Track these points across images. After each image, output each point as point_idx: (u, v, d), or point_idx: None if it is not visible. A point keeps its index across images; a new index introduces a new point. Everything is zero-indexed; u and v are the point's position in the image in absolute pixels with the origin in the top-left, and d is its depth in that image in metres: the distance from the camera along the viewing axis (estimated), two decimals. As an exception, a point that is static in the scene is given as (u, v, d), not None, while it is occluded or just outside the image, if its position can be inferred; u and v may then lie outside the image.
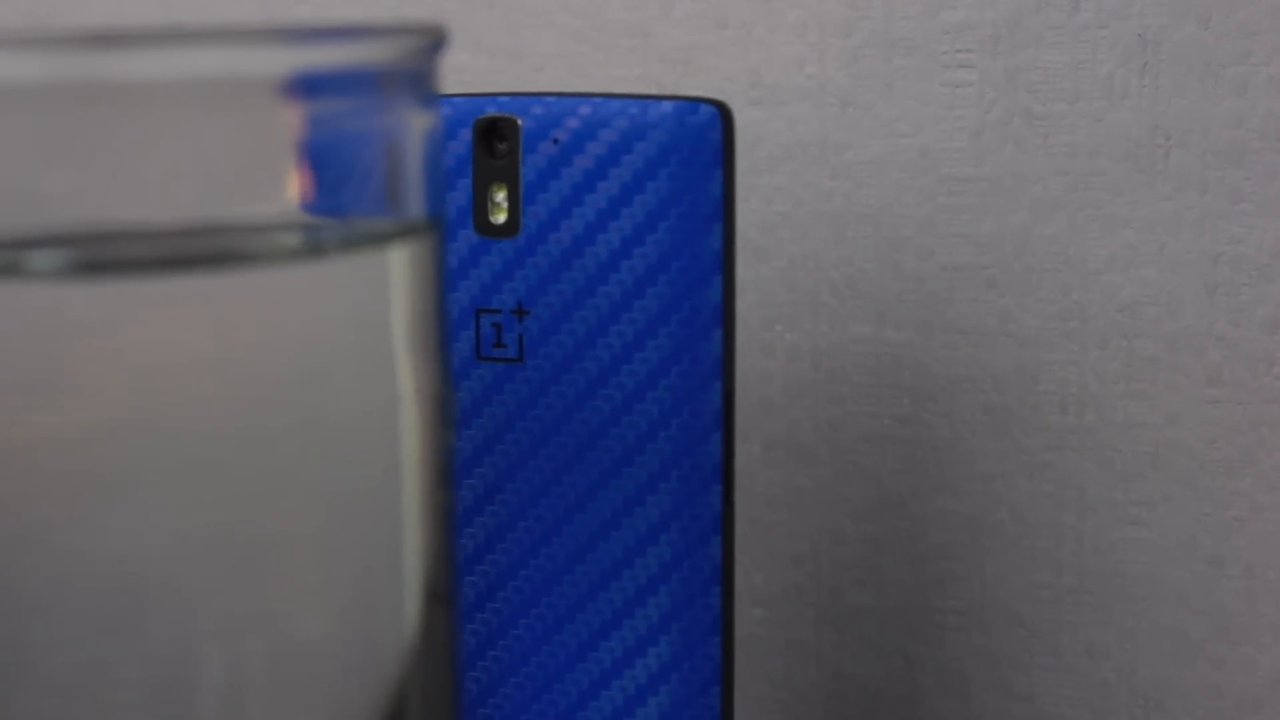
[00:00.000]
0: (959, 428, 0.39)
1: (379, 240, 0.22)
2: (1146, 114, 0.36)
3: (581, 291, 0.31)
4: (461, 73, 0.42)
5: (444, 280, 0.23)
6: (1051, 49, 0.37)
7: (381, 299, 0.22)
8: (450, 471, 0.24)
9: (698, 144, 0.30)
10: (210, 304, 0.21)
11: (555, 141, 0.31)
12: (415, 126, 0.23)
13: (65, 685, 0.21)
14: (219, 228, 0.23)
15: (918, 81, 0.38)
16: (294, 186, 0.22)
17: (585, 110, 0.30)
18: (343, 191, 0.22)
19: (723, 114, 0.30)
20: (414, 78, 0.22)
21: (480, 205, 0.31)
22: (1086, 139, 0.37)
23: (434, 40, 0.22)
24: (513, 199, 0.31)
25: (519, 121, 0.31)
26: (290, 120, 0.22)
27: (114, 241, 0.22)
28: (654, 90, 0.40)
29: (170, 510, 0.21)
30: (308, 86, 0.22)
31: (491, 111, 0.31)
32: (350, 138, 0.22)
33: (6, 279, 0.21)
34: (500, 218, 0.31)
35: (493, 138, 0.31)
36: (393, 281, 0.22)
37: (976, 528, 0.39)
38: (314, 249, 0.22)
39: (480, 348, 0.31)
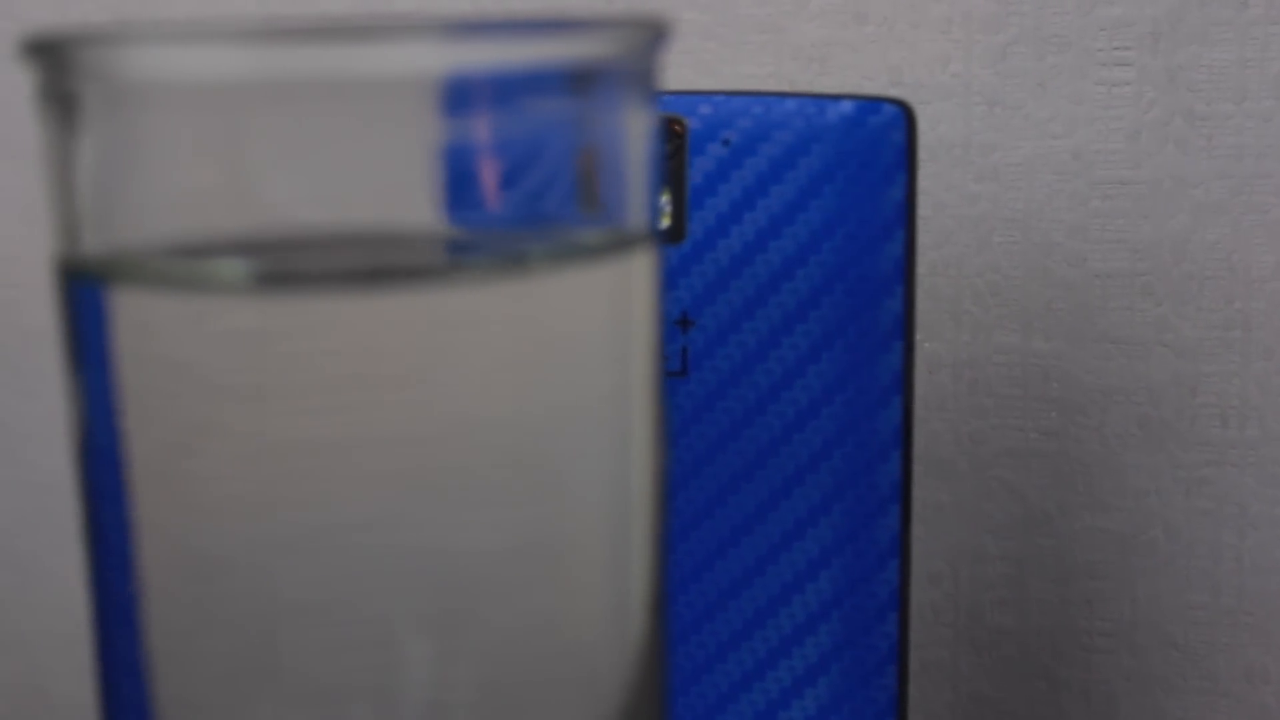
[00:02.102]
0: (1110, 442, 0.37)
1: (598, 251, 0.21)
2: (1319, 114, 0.35)
3: (752, 301, 0.29)
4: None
5: (659, 291, 0.22)
6: (1217, 46, 0.35)
7: (601, 313, 0.21)
8: (667, 487, 0.22)
9: (879, 146, 0.28)
10: (410, 317, 0.20)
11: (725, 143, 0.29)
12: (635, 129, 0.21)
13: (322, 689, 0.19)
14: (410, 236, 0.21)
15: (1071, 80, 0.36)
16: (493, 193, 0.21)
17: (758, 110, 0.29)
18: (553, 199, 0.21)
19: (906, 114, 0.28)
20: (636, 76, 0.21)
21: (643, 210, 0.29)
22: (1254, 140, 0.35)
23: (656, 34, 0.21)
24: (678, 203, 0.29)
25: (686, 121, 0.29)
26: (500, 122, 0.20)
27: (299, 250, 0.20)
28: (786, 88, 0.39)
29: (452, 512, 0.19)
30: (520, 85, 0.20)
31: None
32: (565, 141, 0.21)
33: (196, 291, 0.19)
34: (664, 222, 0.29)
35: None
36: (612, 294, 0.21)
37: (1128, 546, 0.38)
38: (527, 259, 0.20)
39: (641, 360, 0.30)
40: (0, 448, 0.51)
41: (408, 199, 0.21)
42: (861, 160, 0.28)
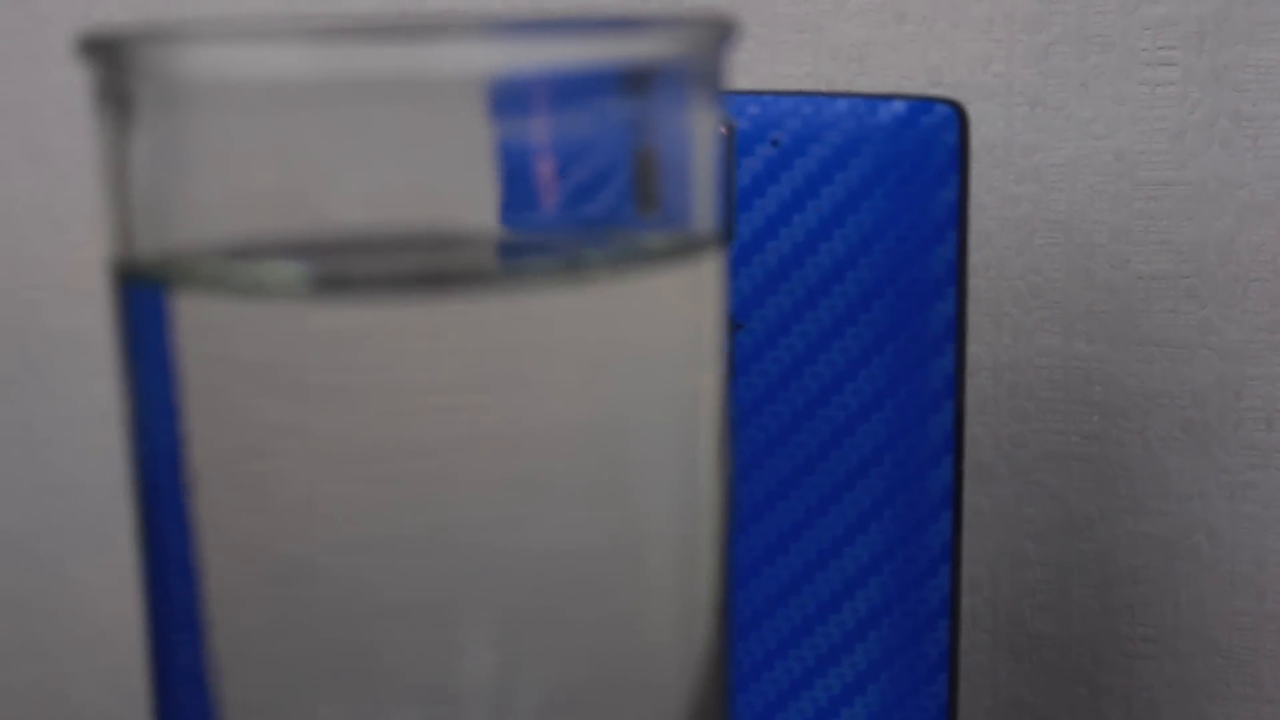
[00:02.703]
0: (1153, 445, 0.37)
1: (662, 255, 0.20)
2: (1367, 114, 0.34)
3: (801, 304, 0.29)
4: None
5: (726, 295, 0.21)
6: (1264, 45, 0.35)
7: (667, 317, 0.20)
8: (731, 493, 0.22)
9: (932, 146, 0.28)
10: (469, 322, 0.19)
11: (774, 143, 0.28)
12: (700, 131, 0.21)
13: (386, 690, 0.19)
14: (467, 239, 0.21)
15: (1115, 80, 0.36)
16: (551, 196, 0.20)
17: (807, 110, 0.28)
18: (614, 202, 0.20)
19: (959, 114, 0.28)
20: (699, 76, 0.20)
21: (690, 212, 0.29)
22: (1300, 141, 0.35)
23: (720, 33, 0.20)
24: (725, 205, 0.29)
25: (733, 122, 0.29)
26: (558, 123, 0.20)
27: (354, 252, 0.20)
28: (824, 88, 0.38)
29: (543, 514, 0.19)
30: (579, 85, 0.20)
31: (702, 111, 0.29)
32: (626, 142, 0.20)
33: (252, 295, 0.19)
34: (711, 225, 0.29)
35: (703, 139, 0.29)
36: (677, 298, 0.20)
37: (1171, 551, 0.37)
38: (588, 263, 0.20)
39: (687, 364, 0.29)
40: (22, 451, 0.50)
41: (464, 201, 0.21)
42: (913, 161, 0.28)
